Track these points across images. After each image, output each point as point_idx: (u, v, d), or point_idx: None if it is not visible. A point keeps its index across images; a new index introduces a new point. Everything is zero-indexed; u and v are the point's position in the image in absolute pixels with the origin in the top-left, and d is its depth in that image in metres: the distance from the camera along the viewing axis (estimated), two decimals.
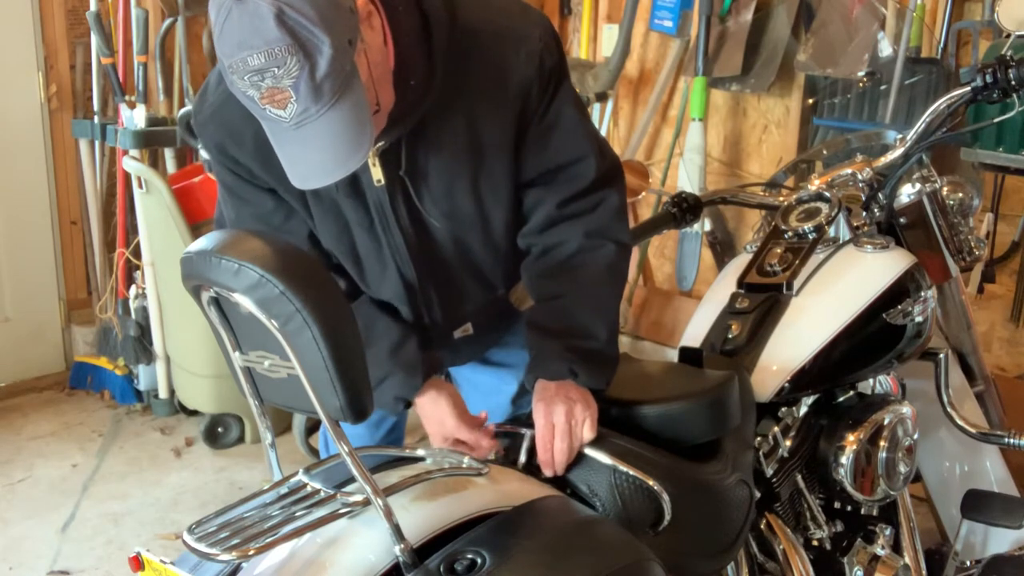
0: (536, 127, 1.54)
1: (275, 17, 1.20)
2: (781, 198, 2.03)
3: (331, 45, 1.22)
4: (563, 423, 1.46)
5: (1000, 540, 2.17)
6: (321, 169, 1.31)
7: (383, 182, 1.52)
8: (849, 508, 1.87)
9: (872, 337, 1.83)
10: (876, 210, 1.99)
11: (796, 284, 1.83)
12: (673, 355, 1.80)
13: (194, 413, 3.61)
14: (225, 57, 1.24)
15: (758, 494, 1.69)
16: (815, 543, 1.82)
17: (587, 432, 1.48)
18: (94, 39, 3.57)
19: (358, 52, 1.28)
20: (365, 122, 1.29)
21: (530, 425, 1.50)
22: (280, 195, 1.57)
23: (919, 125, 1.93)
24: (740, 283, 1.87)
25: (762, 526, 1.73)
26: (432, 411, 1.56)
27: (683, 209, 2.03)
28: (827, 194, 1.92)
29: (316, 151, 1.28)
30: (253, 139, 1.45)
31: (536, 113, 1.52)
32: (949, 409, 2.03)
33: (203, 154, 3.27)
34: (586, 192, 1.58)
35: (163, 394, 3.68)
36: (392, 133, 1.46)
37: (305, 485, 1.27)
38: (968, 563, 2.17)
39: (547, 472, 1.47)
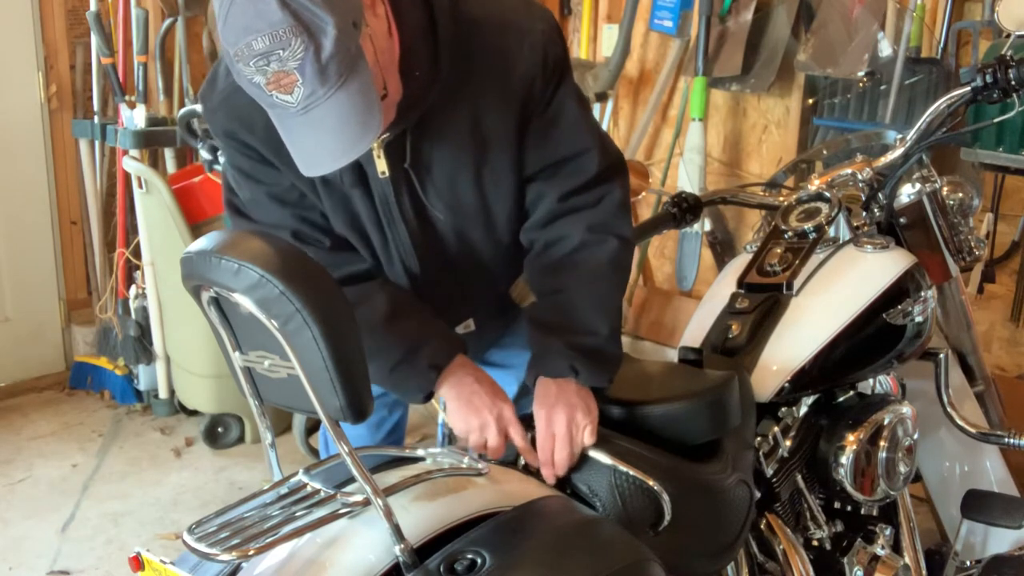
0: (538, 120, 1.54)
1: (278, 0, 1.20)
2: (781, 198, 2.03)
3: (335, 26, 1.22)
4: (564, 432, 1.46)
5: (1000, 540, 2.17)
6: (330, 153, 1.30)
7: (388, 174, 1.52)
8: (849, 508, 1.87)
9: (872, 337, 1.82)
10: (876, 210, 1.99)
11: (796, 284, 1.83)
12: (673, 355, 1.80)
13: (194, 413, 3.60)
14: (230, 45, 1.24)
15: (758, 494, 1.69)
16: (815, 543, 1.82)
17: (587, 438, 1.48)
18: (94, 39, 3.57)
19: (363, 36, 1.28)
20: (373, 105, 1.29)
21: (531, 426, 1.50)
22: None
23: (919, 125, 1.93)
24: (740, 283, 1.87)
25: (762, 526, 1.73)
26: (459, 384, 1.52)
27: (683, 209, 2.03)
28: (827, 194, 1.92)
29: (325, 134, 1.28)
30: (264, 127, 1.43)
31: (539, 106, 1.53)
32: (949, 409, 2.03)
33: (203, 154, 3.27)
34: (588, 186, 1.58)
35: (163, 394, 3.68)
36: (397, 125, 1.46)
37: (305, 485, 1.27)
38: (968, 563, 2.17)
39: (548, 479, 1.47)
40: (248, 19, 1.21)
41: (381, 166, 1.51)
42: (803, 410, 1.85)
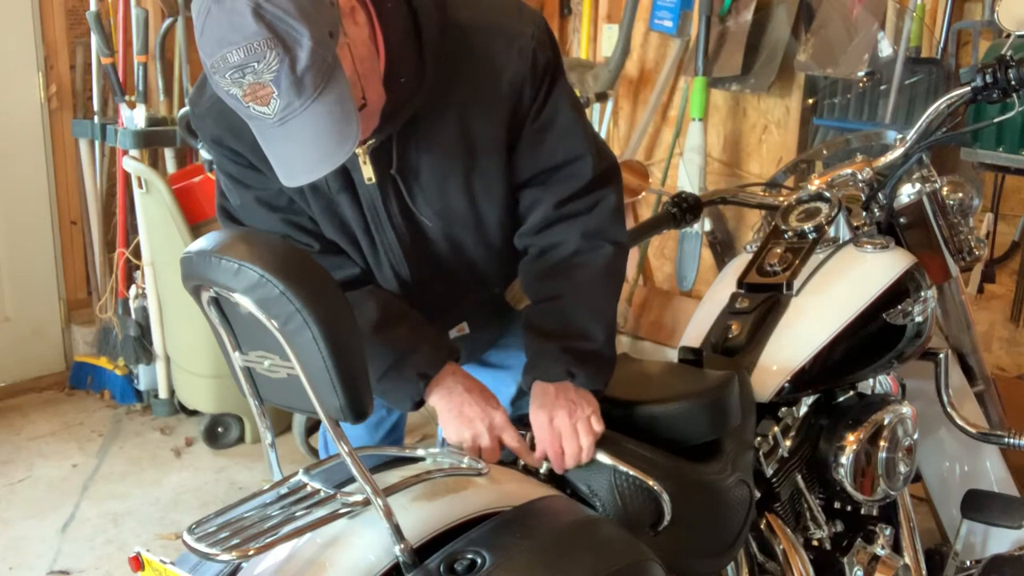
0: (531, 126, 1.53)
1: (252, 12, 1.20)
2: (781, 198, 2.03)
3: (310, 37, 1.22)
4: (568, 425, 1.46)
5: (1000, 540, 2.17)
6: (307, 164, 1.30)
7: (374, 180, 1.51)
8: (849, 508, 1.87)
9: (872, 337, 1.82)
10: (876, 210, 2.00)
11: (796, 284, 1.83)
12: (673, 355, 1.80)
13: (194, 413, 3.61)
14: (207, 57, 1.24)
15: (758, 494, 1.69)
16: (815, 543, 1.82)
17: (596, 426, 1.48)
18: (94, 39, 3.57)
19: (340, 46, 1.27)
20: (350, 115, 1.28)
21: (527, 426, 1.50)
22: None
23: (919, 125, 1.93)
24: (740, 283, 1.87)
25: (762, 526, 1.73)
26: (449, 394, 1.50)
27: (683, 209, 2.03)
28: (827, 194, 1.92)
29: (301, 146, 1.28)
30: (251, 133, 1.44)
31: (530, 111, 1.52)
32: (949, 409, 2.03)
33: (203, 154, 3.27)
34: (583, 192, 1.57)
35: (163, 394, 3.68)
36: (383, 131, 1.46)
37: (305, 485, 1.27)
38: (968, 563, 2.17)
39: (558, 470, 1.47)
40: (223, 31, 1.21)
41: (367, 172, 1.50)
42: (803, 410, 1.85)
